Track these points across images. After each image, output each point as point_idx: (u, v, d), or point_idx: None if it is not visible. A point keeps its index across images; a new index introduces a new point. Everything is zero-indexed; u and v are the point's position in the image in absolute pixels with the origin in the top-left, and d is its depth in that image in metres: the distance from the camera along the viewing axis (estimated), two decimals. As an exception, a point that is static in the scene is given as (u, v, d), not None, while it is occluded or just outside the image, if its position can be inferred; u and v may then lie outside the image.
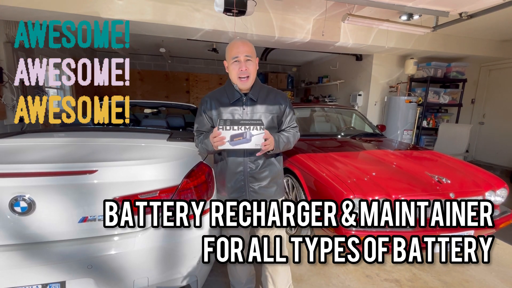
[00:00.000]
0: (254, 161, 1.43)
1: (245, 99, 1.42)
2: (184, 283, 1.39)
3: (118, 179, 1.24)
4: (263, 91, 1.46)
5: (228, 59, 1.40)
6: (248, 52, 1.36)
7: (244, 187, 1.46)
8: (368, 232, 1.82)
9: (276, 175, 1.51)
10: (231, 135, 1.22)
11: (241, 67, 1.35)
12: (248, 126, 1.22)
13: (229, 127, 1.22)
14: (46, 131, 2.07)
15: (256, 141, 1.24)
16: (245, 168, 1.43)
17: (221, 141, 1.24)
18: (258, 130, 1.22)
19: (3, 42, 3.82)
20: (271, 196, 1.49)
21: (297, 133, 1.54)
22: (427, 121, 5.54)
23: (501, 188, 2.16)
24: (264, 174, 1.46)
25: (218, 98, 1.46)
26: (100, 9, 3.36)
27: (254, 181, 1.45)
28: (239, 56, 1.34)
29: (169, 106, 3.36)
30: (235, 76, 1.37)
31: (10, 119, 3.99)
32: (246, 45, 1.37)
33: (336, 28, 4.23)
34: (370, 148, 2.94)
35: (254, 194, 1.47)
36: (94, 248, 1.20)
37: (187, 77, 8.47)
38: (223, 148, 1.26)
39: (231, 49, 1.37)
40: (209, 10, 3.67)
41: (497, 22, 4.09)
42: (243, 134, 1.22)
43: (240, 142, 1.23)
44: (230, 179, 1.46)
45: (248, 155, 1.42)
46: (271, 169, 1.48)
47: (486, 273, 2.18)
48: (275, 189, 1.51)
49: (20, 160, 1.28)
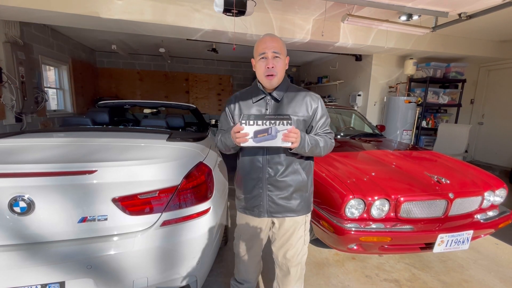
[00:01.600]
0: (274, 166, 1.30)
1: (268, 99, 1.32)
2: (184, 283, 1.38)
3: (118, 179, 1.24)
4: (291, 91, 1.33)
5: (255, 56, 1.30)
6: (277, 48, 1.25)
7: (261, 195, 1.33)
8: (368, 232, 1.82)
9: (301, 187, 1.34)
10: (255, 131, 1.11)
11: (268, 64, 1.24)
12: (273, 121, 1.09)
13: (252, 122, 1.10)
14: (45, 131, 2.06)
15: (283, 138, 1.12)
16: (263, 174, 1.31)
17: (243, 138, 1.12)
18: (284, 125, 1.09)
19: (2, 42, 3.81)
20: (292, 210, 1.35)
21: (330, 140, 1.33)
22: (427, 121, 5.54)
23: (500, 188, 2.17)
24: (285, 183, 1.31)
25: (243, 98, 1.37)
26: (100, 9, 3.36)
27: (273, 189, 1.32)
28: (267, 52, 1.24)
29: (169, 106, 3.35)
30: (262, 74, 1.27)
31: (10, 119, 3.99)
32: (275, 40, 1.26)
33: (335, 29, 4.24)
34: (370, 148, 2.94)
35: (272, 204, 1.33)
36: (93, 248, 1.20)
37: (186, 77, 8.47)
38: (245, 145, 1.14)
39: (259, 45, 1.27)
40: (208, 10, 3.68)
41: (496, 23, 4.09)
42: (268, 130, 1.10)
43: (264, 138, 1.11)
44: (247, 185, 1.36)
45: (267, 159, 1.30)
46: (294, 178, 1.31)
47: (485, 273, 2.18)
48: (298, 203, 1.35)
49: (19, 160, 1.28)
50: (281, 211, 1.35)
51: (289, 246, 1.44)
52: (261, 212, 1.36)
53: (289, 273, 1.49)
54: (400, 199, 1.89)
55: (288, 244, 1.43)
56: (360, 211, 1.89)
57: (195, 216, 1.39)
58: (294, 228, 1.41)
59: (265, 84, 1.30)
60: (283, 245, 1.45)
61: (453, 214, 2.01)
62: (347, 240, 1.85)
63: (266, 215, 1.36)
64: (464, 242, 1.90)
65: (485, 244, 2.63)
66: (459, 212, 2.03)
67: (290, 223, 1.40)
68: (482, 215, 2.09)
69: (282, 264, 1.50)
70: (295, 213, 1.37)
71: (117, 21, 3.55)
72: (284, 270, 1.51)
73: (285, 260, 1.47)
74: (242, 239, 1.52)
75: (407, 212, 1.92)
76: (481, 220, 2.04)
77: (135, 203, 1.27)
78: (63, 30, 5.35)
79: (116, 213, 1.24)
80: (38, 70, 4.67)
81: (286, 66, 1.32)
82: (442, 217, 1.97)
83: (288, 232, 1.41)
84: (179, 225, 1.33)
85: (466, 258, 2.38)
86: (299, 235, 1.42)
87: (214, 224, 1.49)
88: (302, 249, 1.46)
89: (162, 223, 1.30)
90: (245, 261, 1.56)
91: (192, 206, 1.38)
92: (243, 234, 1.50)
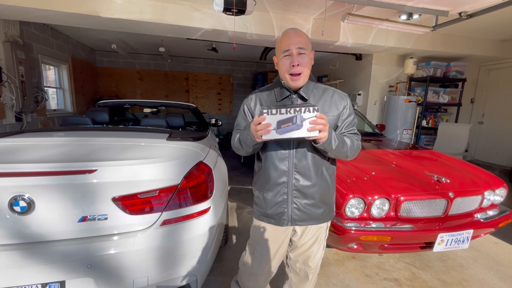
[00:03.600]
0: (302, 170, 1.19)
1: (294, 98, 1.20)
2: (184, 282, 1.39)
3: (118, 178, 1.24)
4: (318, 90, 1.23)
5: (278, 53, 1.17)
6: (302, 43, 1.12)
7: (286, 201, 1.23)
8: (368, 231, 1.82)
9: (326, 193, 1.26)
10: (278, 121, 0.98)
11: (293, 62, 1.11)
12: (298, 109, 0.97)
13: (275, 110, 0.98)
14: (45, 131, 2.06)
15: (310, 127, 0.98)
16: (289, 178, 1.20)
17: (265, 129, 0.99)
18: (311, 112, 0.97)
19: (2, 41, 3.80)
20: (316, 218, 1.26)
21: (357, 141, 1.21)
22: (427, 120, 5.54)
23: (500, 188, 2.17)
24: (313, 189, 1.21)
25: (264, 96, 1.26)
26: (100, 8, 3.36)
27: (300, 196, 1.22)
28: (291, 48, 1.11)
29: (169, 105, 3.35)
30: (285, 72, 1.14)
31: (9, 119, 3.99)
32: (299, 35, 1.13)
33: (335, 28, 4.23)
34: (370, 148, 2.94)
35: (297, 212, 1.23)
36: (93, 247, 1.20)
37: (186, 76, 8.46)
38: (268, 138, 1.01)
39: (282, 40, 1.15)
40: (208, 9, 3.67)
41: (497, 22, 4.09)
42: (293, 118, 0.97)
43: (289, 129, 0.98)
44: (271, 190, 1.24)
45: (294, 163, 1.19)
46: (321, 184, 1.23)
47: (485, 272, 2.18)
48: (322, 211, 1.26)
49: (19, 159, 1.28)
50: (305, 219, 1.25)
51: (311, 253, 1.36)
52: (285, 220, 1.25)
53: (307, 279, 1.43)
54: (400, 199, 1.89)
55: (310, 251, 1.36)
56: (360, 210, 1.89)
57: (195, 215, 1.39)
58: (317, 236, 1.34)
59: (290, 84, 1.17)
60: (304, 252, 1.37)
61: (453, 213, 2.01)
62: (347, 239, 1.85)
63: (289, 224, 1.25)
64: (464, 241, 1.90)
65: (485, 243, 2.63)
66: (459, 211, 2.03)
67: (314, 231, 1.32)
68: (482, 214, 2.09)
69: (300, 270, 1.43)
70: (319, 221, 1.28)
71: (117, 20, 3.54)
72: (301, 276, 1.44)
73: (304, 266, 1.40)
74: (257, 250, 1.36)
75: (407, 212, 1.93)
76: (481, 219, 2.04)
77: (135, 203, 1.27)
78: (63, 30, 5.35)
79: (116, 213, 1.24)
80: (38, 70, 4.66)
81: (312, 62, 1.19)
82: (442, 216, 1.97)
83: (311, 240, 1.33)
84: (179, 224, 1.33)
85: (466, 257, 2.38)
86: (321, 242, 1.37)
87: (214, 223, 1.49)
88: (322, 255, 1.41)
89: (162, 222, 1.30)
90: (257, 275, 1.41)
91: (192, 205, 1.38)
92: (260, 245, 1.35)
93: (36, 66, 4.64)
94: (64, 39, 5.67)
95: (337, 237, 1.87)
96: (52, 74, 5.66)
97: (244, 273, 1.48)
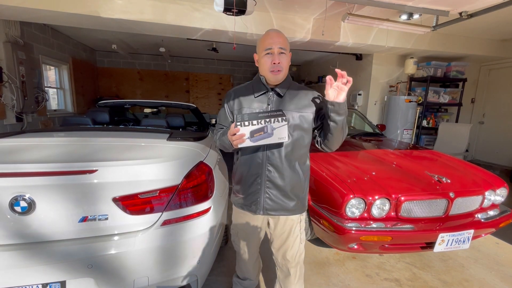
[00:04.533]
0: (275, 163, 1.29)
1: (271, 94, 1.30)
2: (184, 282, 1.39)
3: (118, 178, 1.24)
4: (293, 87, 1.33)
5: (259, 51, 1.28)
6: (283, 44, 1.24)
7: (259, 192, 1.33)
8: (368, 231, 1.82)
9: (298, 187, 1.34)
10: (251, 131, 1.12)
11: (274, 60, 1.23)
12: (268, 119, 1.11)
13: (247, 122, 1.11)
14: (46, 131, 2.06)
15: (279, 135, 1.13)
16: (263, 170, 1.30)
17: (240, 139, 1.13)
18: (280, 122, 1.11)
19: (2, 42, 3.81)
20: (287, 209, 1.35)
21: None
22: (427, 120, 5.54)
23: (501, 188, 2.16)
24: (284, 181, 1.30)
25: (243, 93, 1.35)
26: (100, 8, 3.36)
27: (272, 187, 1.31)
28: (273, 47, 1.22)
29: (169, 105, 3.35)
30: (267, 69, 1.25)
31: (10, 119, 4.00)
32: (280, 36, 1.25)
33: (336, 28, 4.23)
34: (370, 148, 2.94)
35: (269, 201, 1.33)
36: (94, 247, 1.20)
37: (187, 76, 8.47)
38: (244, 146, 1.15)
39: (264, 40, 1.25)
40: (208, 9, 3.67)
41: (497, 22, 4.08)
42: (264, 128, 1.11)
43: (261, 137, 1.13)
44: (246, 181, 1.35)
45: (268, 155, 1.29)
46: (292, 177, 1.31)
47: (486, 272, 2.18)
48: (294, 203, 1.34)
49: (20, 159, 1.28)
50: (276, 209, 1.34)
51: (287, 247, 1.43)
52: (258, 209, 1.35)
53: (289, 274, 1.49)
54: (401, 199, 1.89)
55: (286, 245, 1.43)
56: (361, 210, 1.89)
57: (195, 215, 1.39)
58: (290, 227, 1.41)
59: (270, 79, 1.28)
60: (281, 246, 1.45)
61: (454, 214, 2.01)
62: (347, 240, 1.85)
63: (261, 212, 1.35)
64: (464, 241, 1.90)
65: (485, 244, 2.63)
66: (459, 211, 2.03)
67: (286, 222, 1.40)
68: (483, 215, 2.09)
69: (282, 265, 1.50)
70: (290, 212, 1.36)
71: (117, 20, 3.55)
72: (285, 271, 1.51)
73: (284, 261, 1.47)
74: (239, 236, 1.54)
75: (408, 212, 1.92)
76: (481, 220, 2.04)
77: (135, 203, 1.27)
78: (64, 30, 5.36)
79: (116, 213, 1.24)
80: (38, 70, 4.67)
81: (289, 63, 1.31)
82: (442, 216, 1.97)
83: (285, 232, 1.41)
84: (179, 224, 1.33)
85: (467, 258, 2.38)
86: (295, 234, 1.42)
87: (215, 223, 1.49)
88: (299, 248, 1.46)
89: (163, 222, 1.30)
90: (244, 259, 1.59)
91: (193, 205, 1.38)
92: (240, 230, 1.52)
93: (37, 66, 4.65)
94: (65, 40, 5.67)
95: (338, 237, 1.87)
96: (53, 75, 5.66)
97: (236, 255, 1.65)
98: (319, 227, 2.10)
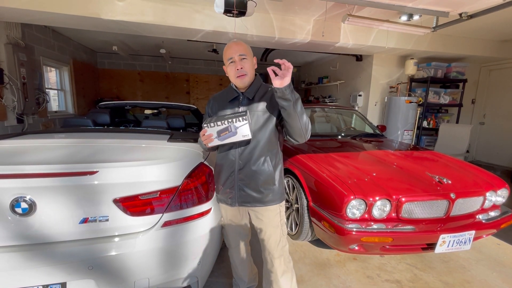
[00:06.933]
0: (245, 158, 1.39)
1: (241, 98, 1.42)
2: (185, 284, 1.39)
3: (119, 180, 1.24)
4: (262, 90, 1.43)
5: (225, 62, 1.42)
6: (242, 51, 1.36)
7: (233, 185, 1.43)
8: (369, 232, 1.82)
9: (268, 179, 1.40)
10: (217, 131, 1.27)
11: (237, 66, 1.35)
12: (231, 120, 1.24)
13: (213, 124, 1.26)
14: (46, 132, 2.07)
15: (243, 132, 1.25)
16: (236, 165, 1.41)
17: (209, 139, 1.29)
18: (241, 121, 1.24)
19: (4, 44, 3.82)
20: (261, 201, 1.42)
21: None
22: (428, 121, 5.53)
23: (502, 188, 2.16)
24: (254, 174, 1.39)
25: (219, 99, 1.50)
26: (101, 10, 3.37)
27: (243, 178, 1.41)
28: (234, 56, 1.35)
29: (170, 107, 3.36)
30: (233, 76, 1.39)
31: (11, 120, 4.00)
32: (239, 44, 1.38)
33: (336, 29, 4.24)
34: (371, 149, 2.94)
35: (243, 193, 1.42)
36: (95, 249, 1.20)
37: (187, 78, 8.49)
38: (213, 144, 1.31)
39: (226, 51, 1.39)
40: (209, 11, 3.68)
41: (497, 22, 4.09)
42: (228, 128, 1.25)
43: (227, 136, 1.27)
44: (222, 176, 1.46)
45: (239, 152, 1.40)
46: (262, 170, 1.39)
47: (488, 274, 2.17)
48: (266, 194, 1.41)
49: (21, 161, 1.28)
50: (250, 201, 1.43)
51: (267, 238, 1.49)
52: (234, 202, 1.45)
53: (273, 265, 1.51)
54: (402, 200, 1.89)
55: (267, 235, 1.48)
56: (362, 211, 1.89)
57: (196, 216, 1.39)
58: (268, 218, 1.46)
59: (238, 84, 1.40)
60: (263, 238, 1.51)
61: (455, 215, 2.00)
62: (348, 241, 1.85)
63: (237, 204, 1.45)
64: (466, 242, 1.89)
65: (487, 245, 2.62)
66: (460, 212, 2.02)
67: (264, 214, 1.46)
68: (484, 215, 2.08)
69: (266, 258, 1.54)
70: (265, 203, 1.43)
71: (118, 22, 3.56)
72: (269, 263, 1.54)
73: (266, 254, 1.52)
74: (226, 229, 1.60)
75: (409, 213, 1.92)
76: (483, 221, 2.03)
77: (136, 204, 1.27)
78: (64, 32, 5.37)
79: (117, 214, 1.24)
80: (39, 71, 4.68)
81: (255, 66, 1.43)
82: (443, 217, 1.97)
83: (263, 222, 1.47)
84: (180, 225, 1.34)
85: (468, 259, 2.37)
86: (274, 224, 1.47)
87: (215, 224, 1.49)
88: (281, 240, 1.50)
89: (163, 223, 1.30)
90: (233, 254, 1.66)
91: (193, 206, 1.38)
92: (226, 225, 1.58)
93: (38, 68, 4.66)
94: (66, 41, 5.69)
95: (339, 238, 1.86)
96: (54, 76, 5.68)
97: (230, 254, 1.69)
98: (319, 228, 2.10)
